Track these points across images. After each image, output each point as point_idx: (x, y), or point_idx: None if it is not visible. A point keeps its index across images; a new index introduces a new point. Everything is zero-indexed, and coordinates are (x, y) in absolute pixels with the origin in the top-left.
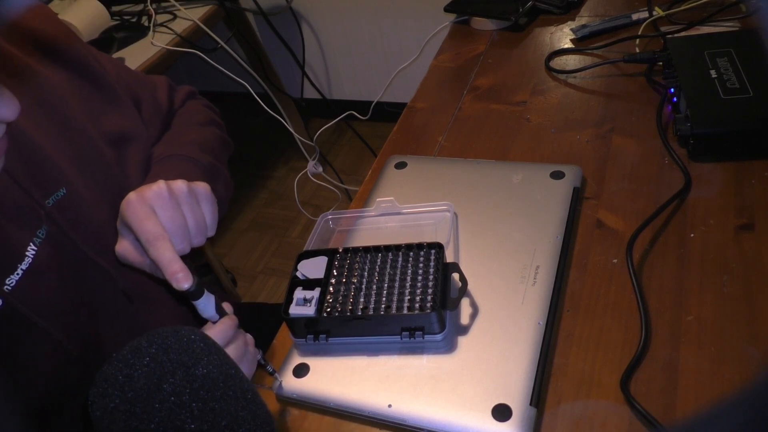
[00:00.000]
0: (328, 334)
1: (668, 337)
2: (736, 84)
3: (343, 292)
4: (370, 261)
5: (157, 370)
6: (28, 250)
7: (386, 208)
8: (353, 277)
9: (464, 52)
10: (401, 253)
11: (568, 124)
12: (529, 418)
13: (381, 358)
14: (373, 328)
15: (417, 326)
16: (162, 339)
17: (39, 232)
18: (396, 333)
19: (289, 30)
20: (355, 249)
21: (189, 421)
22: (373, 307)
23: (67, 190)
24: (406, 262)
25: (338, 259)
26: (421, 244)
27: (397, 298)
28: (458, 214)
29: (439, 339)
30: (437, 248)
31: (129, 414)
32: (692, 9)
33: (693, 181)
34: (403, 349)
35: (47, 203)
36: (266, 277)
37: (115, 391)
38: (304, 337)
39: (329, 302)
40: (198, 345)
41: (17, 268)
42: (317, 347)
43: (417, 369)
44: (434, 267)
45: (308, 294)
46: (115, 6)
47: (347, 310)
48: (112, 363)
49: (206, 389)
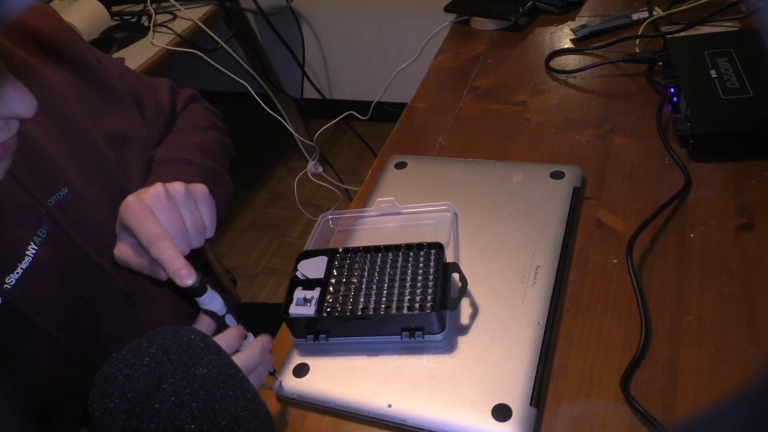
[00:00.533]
0: (328, 334)
1: (668, 337)
2: (736, 84)
3: (343, 292)
4: (370, 261)
5: (157, 370)
6: (28, 250)
7: (386, 208)
8: (353, 277)
9: (464, 52)
10: (401, 253)
11: (568, 124)
12: (529, 418)
13: (381, 358)
14: (373, 328)
15: (417, 326)
16: (162, 339)
17: (40, 232)
18: (396, 333)
19: (289, 30)
20: (355, 249)
21: (189, 421)
22: (373, 307)
23: (68, 189)
24: (406, 262)
25: (338, 259)
26: (421, 244)
27: (397, 298)
28: (458, 214)
29: (439, 339)
30: (437, 248)
31: (129, 414)
32: (692, 9)
33: (693, 181)
34: (403, 349)
35: (49, 203)
36: (266, 277)
37: (115, 391)
38: (304, 337)
39: (329, 302)
40: (198, 345)
41: (17, 267)
42: (317, 347)
43: (417, 369)
44: (434, 267)
45: (308, 294)
46: (115, 6)
47: (347, 310)
48: (112, 363)
49: (206, 389)
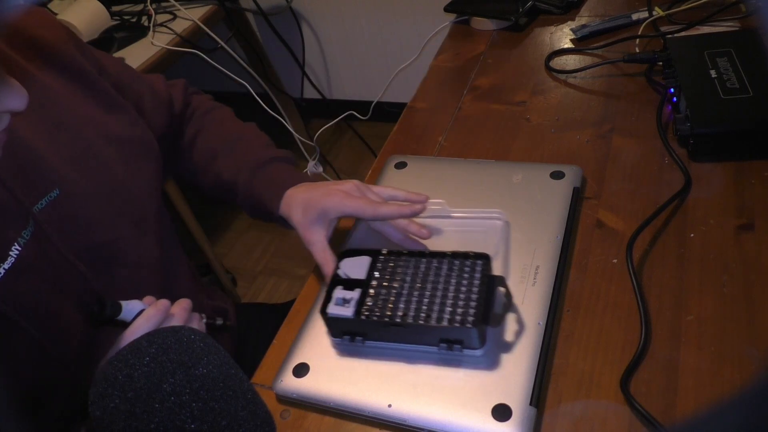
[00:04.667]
0: (365, 337)
1: (668, 337)
2: (736, 84)
3: (383, 296)
4: (413, 266)
5: (157, 370)
6: (12, 250)
7: (435, 211)
8: (395, 282)
9: (464, 52)
10: (446, 261)
11: (568, 124)
12: (529, 418)
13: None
14: (410, 336)
15: (456, 339)
16: (162, 339)
17: (24, 233)
18: (434, 343)
19: (289, 30)
20: (399, 252)
21: (189, 421)
22: (413, 315)
23: (61, 190)
24: (450, 271)
25: (381, 261)
26: (468, 254)
27: (438, 308)
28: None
29: (479, 354)
30: (484, 259)
31: (129, 414)
32: (692, 9)
33: (693, 181)
34: (440, 360)
35: (39, 204)
36: (266, 277)
37: (115, 391)
38: (341, 337)
39: (368, 305)
40: (198, 345)
41: (0, 268)
42: (353, 348)
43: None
44: (479, 279)
45: (348, 294)
46: (115, 6)
47: (386, 315)
48: (112, 363)
49: (206, 389)
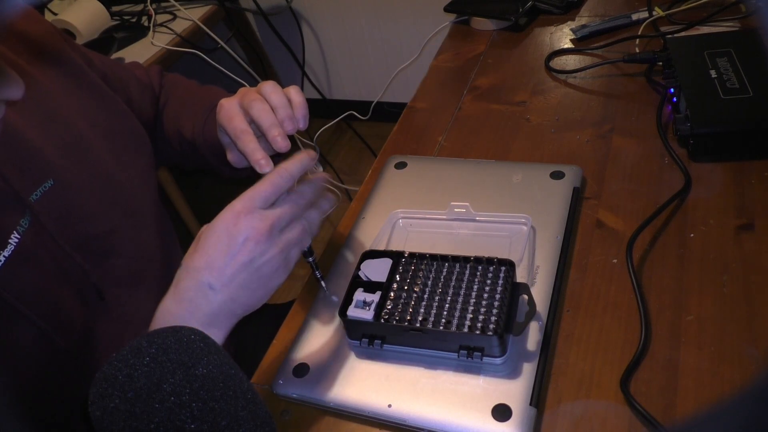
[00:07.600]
0: (383, 341)
1: (668, 337)
2: (736, 84)
3: (404, 300)
4: (435, 270)
5: (157, 370)
6: (11, 238)
7: (460, 214)
8: (416, 285)
9: (464, 52)
10: (469, 266)
11: (568, 124)
12: (529, 418)
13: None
14: (430, 341)
15: (476, 346)
16: (162, 339)
17: (23, 221)
18: (453, 350)
19: (289, 30)
20: (421, 255)
21: (189, 421)
22: (433, 321)
23: (54, 180)
24: (473, 276)
25: (403, 264)
26: (492, 260)
27: (459, 314)
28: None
29: (499, 363)
30: (508, 266)
31: (129, 414)
32: (692, 9)
33: (693, 181)
34: (460, 366)
35: (34, 194)
36: None
37: (115, 391)
38: (359, 339)
39: (388, 309)
40: (198, 345)
41: (0, 255)
42: (371, 352)
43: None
44: (502, 286)
45: (368, 297)
46: (115, 6)
47: (405, 320)
48: (112, 363)
49: (206, 389)
